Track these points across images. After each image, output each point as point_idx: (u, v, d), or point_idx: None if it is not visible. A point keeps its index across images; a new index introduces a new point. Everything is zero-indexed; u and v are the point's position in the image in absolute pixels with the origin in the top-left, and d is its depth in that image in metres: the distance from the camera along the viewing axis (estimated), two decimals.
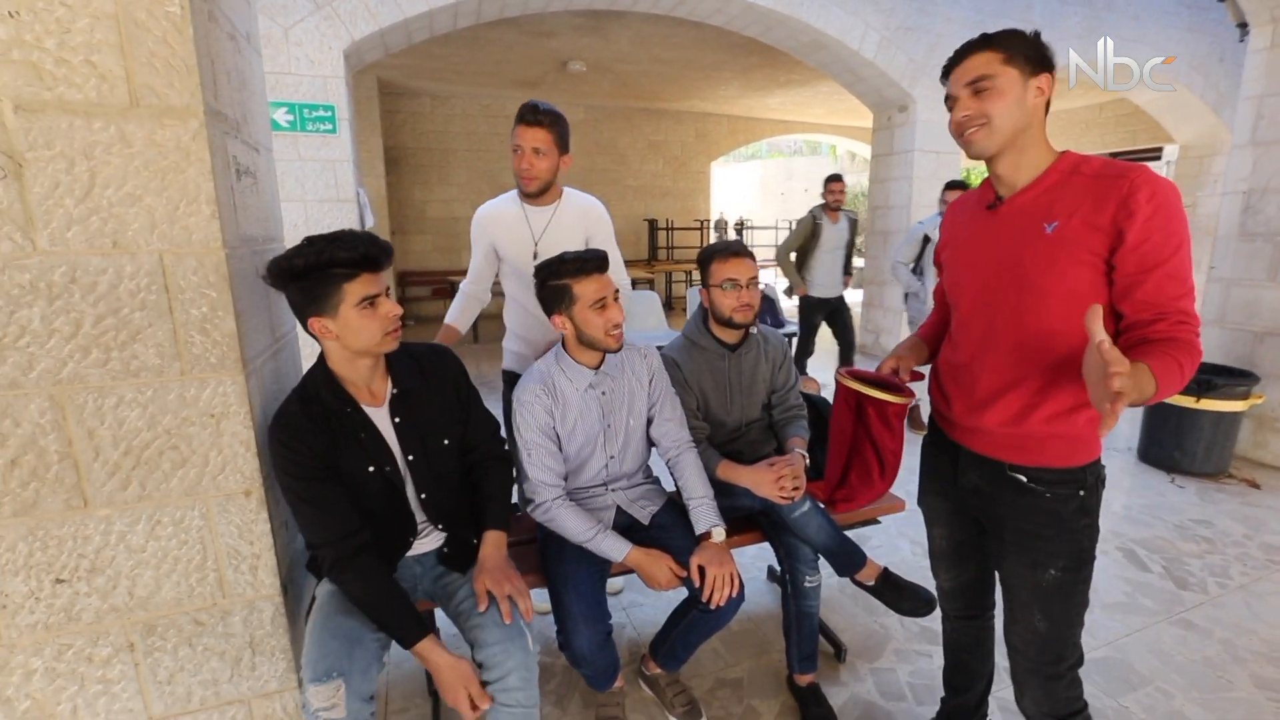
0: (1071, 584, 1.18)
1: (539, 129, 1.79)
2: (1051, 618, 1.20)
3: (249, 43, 1.52)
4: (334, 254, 1.19)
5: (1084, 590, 1.20)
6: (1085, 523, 1.17)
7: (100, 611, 1.23)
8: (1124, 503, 3.05)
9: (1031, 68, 1.08)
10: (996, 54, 1.08)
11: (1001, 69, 1.08)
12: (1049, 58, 1.09)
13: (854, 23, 5.11)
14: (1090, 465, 1.17)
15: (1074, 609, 1.20)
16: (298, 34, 3.67)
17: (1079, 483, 1.16)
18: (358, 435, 1.32)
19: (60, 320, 1.10)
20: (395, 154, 8.74)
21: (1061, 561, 1.17)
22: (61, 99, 1.04)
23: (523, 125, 1.79)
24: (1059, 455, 1.16)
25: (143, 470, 1.20)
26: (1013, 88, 1.07)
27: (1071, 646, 1.22)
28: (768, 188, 21.42)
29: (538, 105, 1.79)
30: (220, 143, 1.21)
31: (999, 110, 1.08)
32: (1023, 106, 1.08)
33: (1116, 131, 9.26)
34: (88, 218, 1.09)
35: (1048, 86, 1.09)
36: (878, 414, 1.23)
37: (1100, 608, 2.20)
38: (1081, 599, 1.21)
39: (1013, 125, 1.09)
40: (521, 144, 1.80)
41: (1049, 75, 1.09)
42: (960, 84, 1.11)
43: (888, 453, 1.27)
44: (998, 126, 1.09)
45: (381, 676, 1.84)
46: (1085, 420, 1.13)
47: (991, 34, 1.11)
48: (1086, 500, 1.17)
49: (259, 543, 1.31)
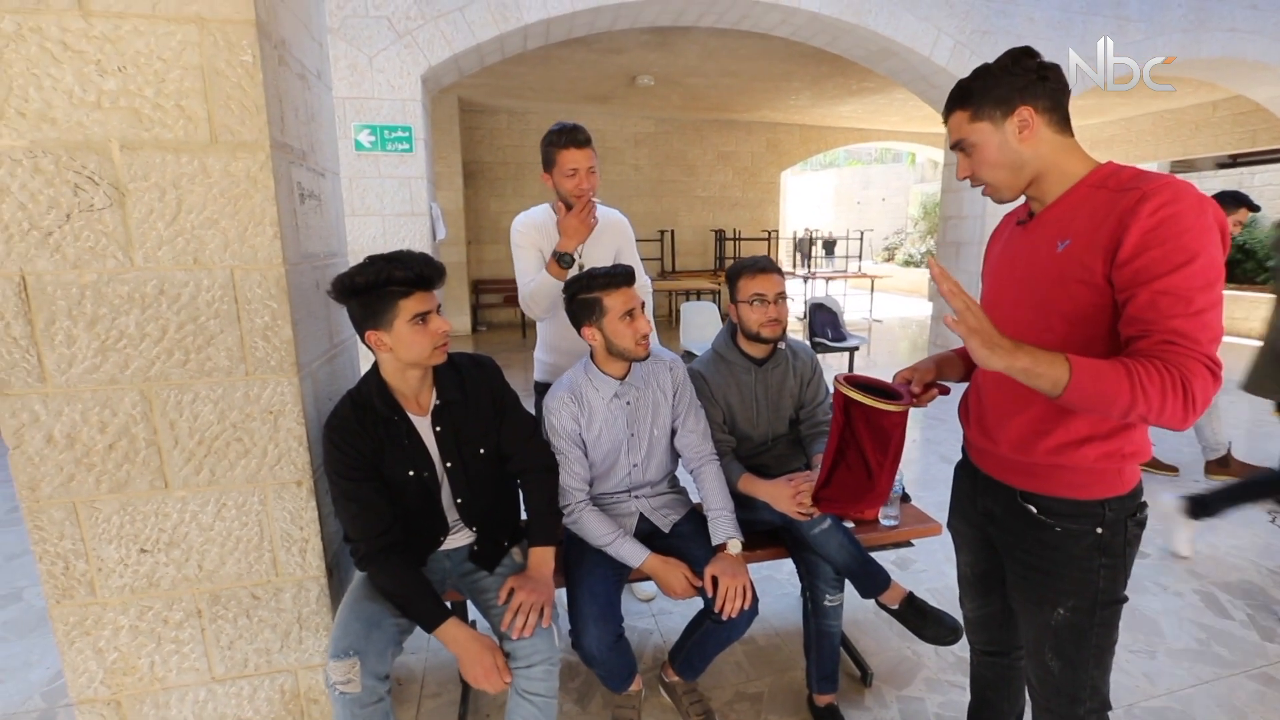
0: (1084, 626, 1.11)
1: (589, 148, 1.89)
2: (1063, 657, 1.14)
3: (319, 80, 1.70)
4: (391, 273, 1.28)
5: (1104, 633, 1.12)
6: (1104, 563, 1.09)
7: (175, 580, 1.41)
8: (1210, 540, 2.78)
9: (1003, 109, 1.03)
10: (964, 113, 1.07)
11: (971, 127, 1.06)
12: (1029, 82, 1.02)
13: (925, 28, 4.95)
14: (1114, 500, 1.08)
15: (1089, 651, 1.12)
16: (380, 62, 3.99)
17: (1096, 518, 1.08)
18: (402, 441, 1.42)
19: (150, 326, 1.29)
20: (473, 168, 9.21)
21: (1071, 601, 1.11)
22: (157, 138, 1.23)
23: (574, 148, 1.87)
24: (1073, 486, 1.09)
25: (213, 458, 1.38)
26: (989, 140, 1.05)
27: (1089, 690, 1.15)
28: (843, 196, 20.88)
29: (576, 126, 1.88)
30: (285, 171, 1.37)
31: (986, 168, 1.06)
32: (1009, 150, 1.04)
33: (1234, 131, 8.44)
34: (174, 239, 1.27)
35: (1032, 116, 1.02)
36: (863, 419, 1.21)
37: (1166, 653, 2.03)
38: (1100, 642, 1.13)
39: (1008, 173, 1.05)
40: (578, 166, 1.88)
41: (1028, 107, 1.02)
42: (950, 145, 1.11)
43: (873, 461, 1.24)
44: (995, 183, 1.07)
45: (419, 664, 1.98)
46: (1099, 454, 1.06)
47: (963, 85, 1.07)
48: (1106, 539, 1.08)
49: (308, 528, 1.46)
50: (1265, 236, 9.10)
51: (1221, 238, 0.92)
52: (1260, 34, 5.68)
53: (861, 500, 1.33)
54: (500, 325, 9.64)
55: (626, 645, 1.57)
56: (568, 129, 1.88)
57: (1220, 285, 0.92)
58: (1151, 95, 8.10)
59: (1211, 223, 0.92)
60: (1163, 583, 2.45)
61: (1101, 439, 1.05)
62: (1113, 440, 1.05)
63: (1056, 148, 1.05)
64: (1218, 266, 0.91)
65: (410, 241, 4.26)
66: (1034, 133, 1.03)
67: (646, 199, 10.35)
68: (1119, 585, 1.12)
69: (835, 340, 5.46)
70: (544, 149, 1.93)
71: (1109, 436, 1.05)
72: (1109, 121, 9.98)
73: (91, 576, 1.37)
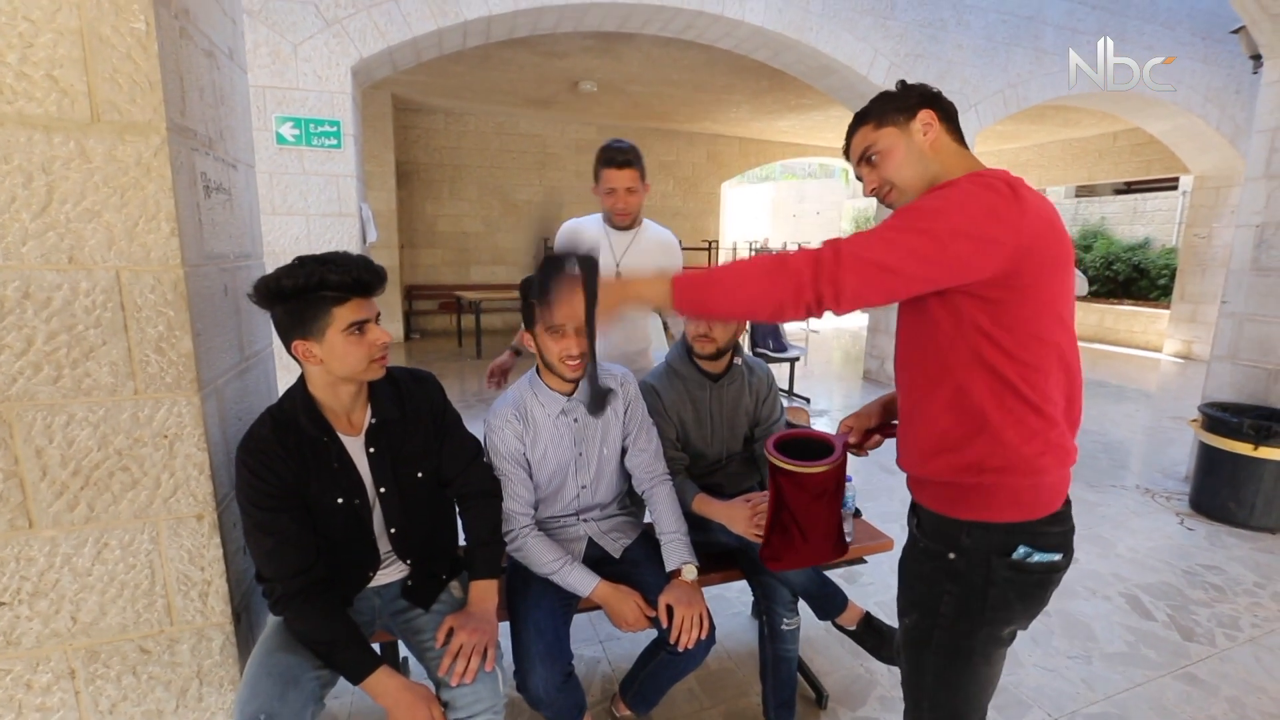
0: (920, 641, 1.09)
1: (628, 169, 1.92)
2: (908, 663, 1.14)
3: (231, 59, 1.51)
4: (324, 276, 1.15)
5: (944, 660, 1.07)
6: (949, 588, 1.03)
7: (41, 636, 1.19)
8: (1129, 544, 2.94)
9: (905, 115, 1.07)
10: (869, 125, 1.10)
11: (878, 134, 1.09)
12: (924, 95, 1.08)
13: (863, 49, 5.11)
14: (974, 526, 1.00)
15: (928, 667, 1.09)
16: (306, 50, 3.72)
17: (951, 540, 1.03)
18: (331, 465, 1.27)
19: (11, 336, 1.08)
20: (407, 169, 8.84)
21: (915, 614, 1.10)
22: (21, 113, 1.03)
23: (613, 169, 1.91)
24: (939, 500, 1.05)
25: (91, 491, 1.17)
26: (897, 142, 1.07)
27: (929, 703, 1.11)
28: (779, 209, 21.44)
29: (621, 146, 1.90)
30: (186, 159, 1.19)
31: (893, 168, 1.08)
32: (915, 150, 1.07)
33: (1131, 161, 9.18)
34: (44, 233, 1.07)
35: (934, 119, 1.06)
36: (790, 483, 1.17)
37: (1100, 658, 2.10)
38: (940, 663, 1.07)
39: (915, 172, 1.07)
40: (615, 186, 1.92)
41: (929, 110, 1.06)
42: (855, 163, 1.14)
43: (804, 523, 1.19)
44: (901, 182, 1.08)
45: (343, 710, 1.79)
46: (949, 466, 0.99)
47: (861, 110, 1.12)
48: (959, 567, 1.02)
49: (210, 569, 1.27)
50: (1157, 257, 9.95)
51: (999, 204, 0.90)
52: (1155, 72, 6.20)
53: (801, 561, 1.28)
54: (435, 333, 9.27)
55: (576, 683, 1.46)
56: (611, 148, 1.92)
57: (926, 230, 0.90)
58: (1060, 124, 8.70)
59: (970, 185, 0.92)
60: (1090, 587, 2.55)
61: (951, 449, 0.99)
62: (965, 450, 0.98)
63: (953, 153, 1.08)
64: (931, 212, 0.91)
65: (338, 244, 3.98)
66: (936, 134, 1.06)
67: (588, 205, 10.16)
68: (970, 621, 1.03)
69: (777, 350, 5.52)
70: (594, 164, 1.98)
71: (959, 446, 0.98)
72: (1024, 147, 10.66)
73: None
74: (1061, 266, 0.95)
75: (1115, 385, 6.41)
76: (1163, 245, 10.53)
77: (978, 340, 0.95)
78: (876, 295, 0.92)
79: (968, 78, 5.46)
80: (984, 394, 0.96)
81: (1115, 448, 4.41)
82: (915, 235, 0.90)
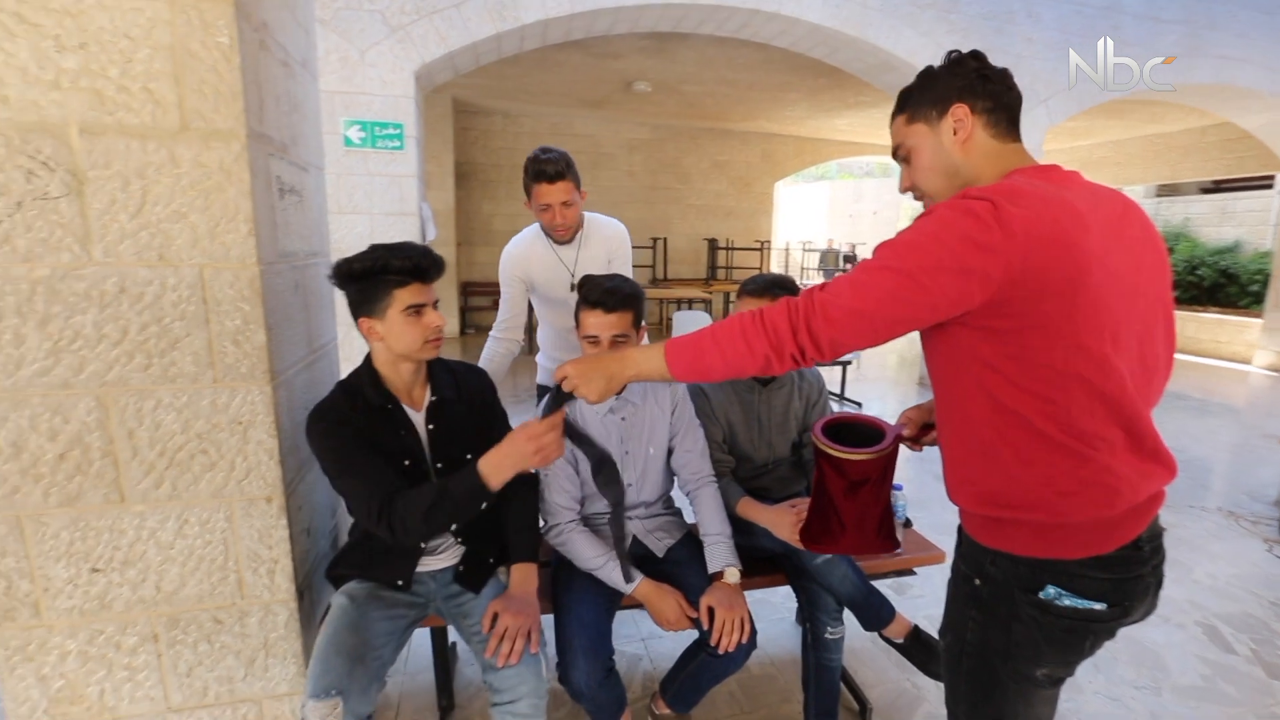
0: (952, 664, 1.05)
1: (561, 182, 1.80)
2: (945, 683, 1.09)
3: (305, 69, 1.60)
4: (389, 261, 1.28)
5: (971, 686, 1.02)
6: (974, 615, 0.99)
7: (130, 602, 1.30)
8: (1208, 570, 2.74)
9: (939, 109, 0.96)
10: (902, 117, 1.02)
11: (908, 131, 1.01)
12: (969, 81, 0.95)
13: (925, 44, 4.94)
14: (999, 556, 0.94)
15: (959, 693, 1.05)
16: (372, 56, 3.88)
17: (978, 566, 0.98)
18: (398, 431, 1.37)
19: (109, 327, 1.18)
20: (466, 169, 9.09)
21: (949, 635, 1.06)
22: (121, 123, 1.13)
23: (545, 183, 1.80)
24: (971, 523, 1.01)
25: (175, 471, 1.27)
26: (925, 141, 0.99)
27: None
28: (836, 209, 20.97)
29: (550, 157, 1.78)
30: (263, 163, 1.27)
31: (921, 171, 1.01)
32: (944, 150, 0.98)
33: (1222, 158, 8.55)
34: (138, 232, 1.17)
35: (967, 114, 0.95)
36: (831, 467, 1.13)
37: (1171, 690, 1.97)
38: (965, 689, 1.03)
39: (943, 179, 0.99)
40: (550, 202, 1.82)
41: (963, 104, 0.95)
42: (893, 157, 1.07)
43: (841, 510, 1.15)
44: (929, 189, 1.01)
45: (394, 690, 1.87)
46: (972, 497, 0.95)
47: (904, 90, 1.02)
48: (983, 594, 0.97)
49: (277, 548, 1.36)
50: (1248, 262, 9.23)
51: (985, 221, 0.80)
52: (1250, 62, 5.74)
53: (838, 548, 1.25)
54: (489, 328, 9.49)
55: (617, 678, 1.47)
56: (540, 159, 1.78)
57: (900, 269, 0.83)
58: (1143, 119, 8.18)
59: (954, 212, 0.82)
60: (1163, 614, 2.40)
61: (972, 481, 0.95)
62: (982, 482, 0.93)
63: (989, 153, 0.96)
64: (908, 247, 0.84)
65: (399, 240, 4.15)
66: (969, 135, 0.95)
67: (639, 205, 10.28)
68: (995, 652, 0.97)
69: None
70: (523, 178, 1.84)
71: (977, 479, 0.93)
72: (1099, 144, 10.09)
73: (37, 597, 1.25)
74: (1079, 288, 0.81)
75: (1197, 399, 5.99)
76: (1255, 249, 9.75)
77: (980, 371, 0.87)
78: (857, 341, 0.87)
79: (1038, 72, 5.20)
80: (986, 427, 0.89)
81: (1194, 466, 4.12)
82: (891, 275, 0.83)
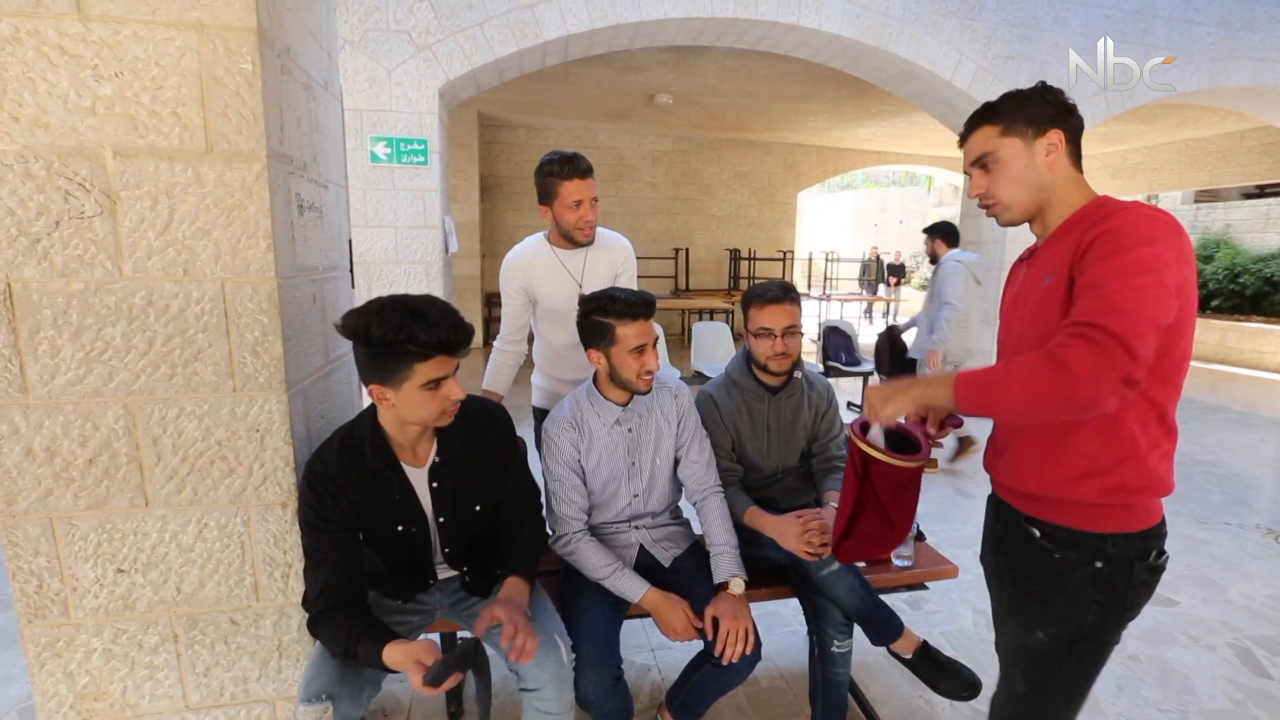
0: (1060, 656, 1.07)
1: (591, 178, 1.79)
2: (1032, 682, 1.10)
3: (326, 90, 1.67)
4: (414, 333, 1.14)
5: (1080, 668, 1.08)
6: (1097, 598, 1.04)
7: (152, 602, 1.35)
8: (1243, 590, 2.64)
9: (1035, 129, 1.04)
10: (994, 127, 1.07)
11: (1001, 142, 1.05)
12: (1059, 111, 1.03)
13: (947, 52, 4.90)
14: (1119, 537, 1.03)
15: (1060, 681, 1.09)
16: (399, 75, 4.00)
17: (1096, 551, 1.04)
18: (393, 496, 1.33)
19: (137, 338, 1.24)
20: (490, 182, 9.26)
21: (1054, 628, 1.07)
22: (151, 145, 1.19)
23: (579, 179, 1.78)
24: (1075, 517, 1.05)
25: (196, 476, 1.32)
26: (1017, 158, 1.04)
27: None
28: (861, 218, 20.80)
29: (575, 154, 1.79)
30: (282, 182, 1.33)
31: (1006, 184, 1.05)
32: (1034, 170, 1.04)
33: (1263, 162, 8.29)
34: (165, 249, 1.23)
35: (1060, 140, 1.03)
36: (881, 474, 1.15)
37: (1199, 714, 1.90)
38: (1073, 674, 1.08)
39: (1027, 194, 1.05)
40: (582, 198, 1.79)
41: (1059, 130, 1.03)
42: (968, 161, 1.11)
43: (892, 510, 1.18)
44: (1010, 201, 1.06)
45: (405, 693, 1.90)
46: (1100, 489, 1.01)
47: (991, 104, 1.07)
48: (1106, 575, 1.03)
49: (291, 552, 1.40)
50: None
51: (1182, 247, 0.91)
52: None
53: (883, 547, 1.27)
54: None
55: (625, 687, 1.48)
56: (568, 158, 1.78)
57: (1156, 274, 0.88)
58: (1177, 123, 7.97)
59: (1161, 230, 0.90)
60: (1193, 634, 2.31)
61: (1100, 474, 1.00)
62: (1114, 474, 1.00)
63: (1069, 178, 1.06)
64: (1153, 260, 0.88)
65: (422, 253, 4.24)
66: (1059, 158, 1.03)
67: (662, 216, 10.34)
68: (1110, 625, 1.06)
69: (849, 364, 5.36)
70: (541, 180, 1.81)
71: (1108, 471, 1.00)
72: (1132, 149, 9.84)
73: (66, 596, 1.31)
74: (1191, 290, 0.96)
75: (1238, 411, 5.77)
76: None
77: None
78: (1152, 348, 0.87)
79: (1065, 79, 5.12)
80: (1134, 422, 0.98)
81: (1232, 481, 3.97)
82: (1148, 276, 0.87)
